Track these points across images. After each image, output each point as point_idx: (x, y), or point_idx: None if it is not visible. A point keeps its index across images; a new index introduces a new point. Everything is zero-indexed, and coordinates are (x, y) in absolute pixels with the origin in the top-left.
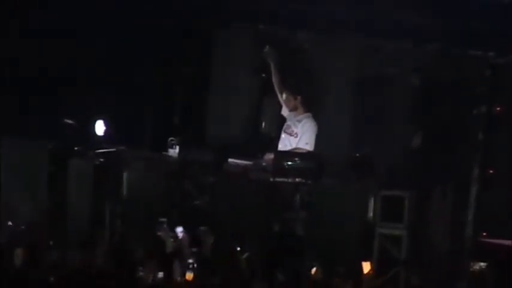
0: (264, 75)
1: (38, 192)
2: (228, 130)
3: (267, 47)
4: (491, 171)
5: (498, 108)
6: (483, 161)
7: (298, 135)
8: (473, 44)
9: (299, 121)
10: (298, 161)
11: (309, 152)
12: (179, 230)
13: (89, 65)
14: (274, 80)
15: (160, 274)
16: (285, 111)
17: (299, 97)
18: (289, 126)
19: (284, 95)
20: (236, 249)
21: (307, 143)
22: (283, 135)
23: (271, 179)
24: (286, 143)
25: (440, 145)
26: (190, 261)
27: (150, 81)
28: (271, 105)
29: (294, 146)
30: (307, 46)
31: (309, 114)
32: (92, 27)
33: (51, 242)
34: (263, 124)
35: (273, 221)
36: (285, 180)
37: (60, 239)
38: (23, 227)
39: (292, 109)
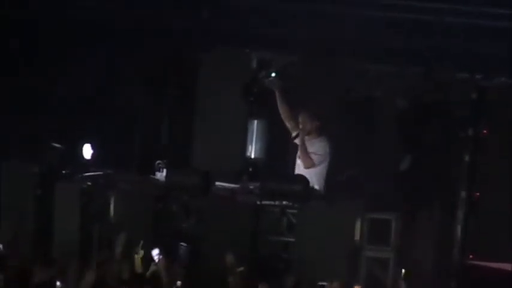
0: (251, 98)
1: (25, 215)
2: (215, 153)
3: (272, 75)
4: (477, 194)
5: (485, 131)
6: (469, 183)
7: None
8: (459, 66)
9: (312, 144)
10: (285, 184)
11: (296, 175)
12: (155, 252)
13: (76, 89)
14: (282, 107)
15: None
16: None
17: (318, 123)
18: None
19: (300, 118)
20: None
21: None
22: (298, 162)
23: (258, 202)
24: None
25: (426, 168)
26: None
27: (137, 104)
28: (259, 128)
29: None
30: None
31: (322, 138)
32: (78, 51)
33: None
34: (250, 147)
35: (260, 244)
36: (272, 203)
37: (47, 261)
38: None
39: (307, 133)
